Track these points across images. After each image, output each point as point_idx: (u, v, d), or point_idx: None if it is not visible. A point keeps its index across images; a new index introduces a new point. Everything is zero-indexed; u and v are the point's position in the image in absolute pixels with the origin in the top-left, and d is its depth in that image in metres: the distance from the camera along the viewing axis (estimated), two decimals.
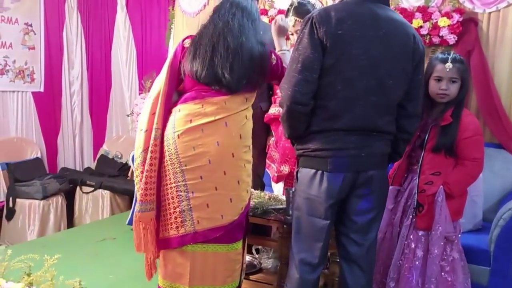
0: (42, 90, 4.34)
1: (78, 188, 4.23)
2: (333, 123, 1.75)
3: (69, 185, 4.20)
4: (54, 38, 4.40)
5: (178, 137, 1.87)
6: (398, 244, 2.14)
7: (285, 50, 2.16)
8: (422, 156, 2.11)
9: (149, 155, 1.88)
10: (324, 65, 1.71)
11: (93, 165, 4.71)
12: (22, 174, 3.99)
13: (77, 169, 4.73)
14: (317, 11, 1.77)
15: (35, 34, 4.21)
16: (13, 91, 4.12)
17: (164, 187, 1.92)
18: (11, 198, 3.86)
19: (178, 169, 1.87)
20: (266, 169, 2.71)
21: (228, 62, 1.84)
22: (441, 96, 2.09)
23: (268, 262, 2.55)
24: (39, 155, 4.26)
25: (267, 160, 2.67)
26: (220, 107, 1.88)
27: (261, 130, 2.67)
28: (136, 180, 1.97)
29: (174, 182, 1.88)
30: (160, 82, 1.95)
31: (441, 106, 2.11)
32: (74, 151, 4.75)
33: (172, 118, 1.91)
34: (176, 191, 1.88)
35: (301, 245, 1.85)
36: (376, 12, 1.74)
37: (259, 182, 2.79)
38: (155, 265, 2.01)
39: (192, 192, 1.87)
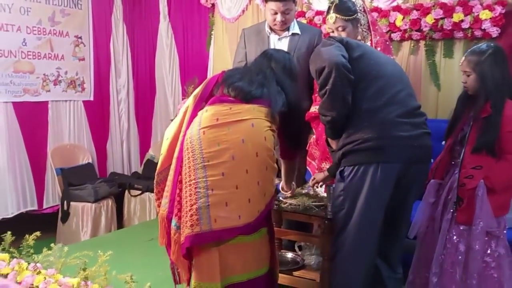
0: (92, 98, 4.56)
1: (126, 191, 4.41)
2: (390, 107, 1.93)
3: (118, 188, 4.38)
4: (102, 49, 4.62)
5: (203, 133, 1.88)
6: (439, 239, 2.12)
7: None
8: (464, 150, 2.09)
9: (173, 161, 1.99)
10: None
11: (140, 170, 4.90)
12: (75, 178, 4.21)
13: (125, 173, 4.92)
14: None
15: (84, 46, 4.43)
16: (66, 101, 4.34)
17: (185, 183, 1.90)
18: (65, 202, 4.07)
19: (200, 165, 1.85)
20: (307, 167, 2.75)
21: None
22: (466, 89, 2.14)
23: (310, 258, 2.58)
24: (90, 161, 4.47)
25: (307, 158, 2.71)
26: (247, 111, 1.91)
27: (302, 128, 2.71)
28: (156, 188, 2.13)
29: (195, 179, 1.85)
30: (191, 98, 2.08)
31: (479, 99, 2.09)
32: (122, 156, 4.95)
33: (197, 119, 1.95)
34: (195, 187, 1.84)
35: (359, 240, 1.91)
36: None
37: (301, 180, 2.83)
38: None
39: (212, 189, 1.83)
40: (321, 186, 2.26)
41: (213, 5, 4.33)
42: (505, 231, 2.10)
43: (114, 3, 4.69)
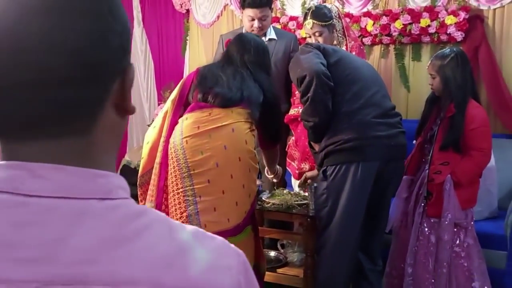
0: None
1: None
2: (368, 108, 2.07)
3: None
4: None
5: (186, 142, 1.92)
6: (412, 232, 2.25)
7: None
8: (432, 147, 2.23)
9: (156, 160, 2.03)
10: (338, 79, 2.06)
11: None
12: None
13: None
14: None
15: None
16: None
17: (170, 194, 1.97)
18: None
19: (186, 173, 1.91)
20: (287, 167, 2.84)
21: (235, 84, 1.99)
22: (433, 90, 2.33)
23: (293, 256, 2.67)
24: None
25: (287, 159, 2.80)
26: (226, 115, 1.95)
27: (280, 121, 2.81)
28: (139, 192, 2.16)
29: (182, 188, 1.92)
30: (169, 102, 2.10)
31: (444, 99, 2.25)
32: None
33: (178, 127, 1.99)
34: (184, 196, 1.91)
35: (343, 236, 2.01)
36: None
37: (281, 181, 2.92)
38: None
39: (200, 196, 1.89)
40: (308, 185, 2.35)
41: (187, 10, 4.37)
42: (472, 223, 2.25)
43: None
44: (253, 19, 2.79)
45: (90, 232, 0.44)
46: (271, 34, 2.92)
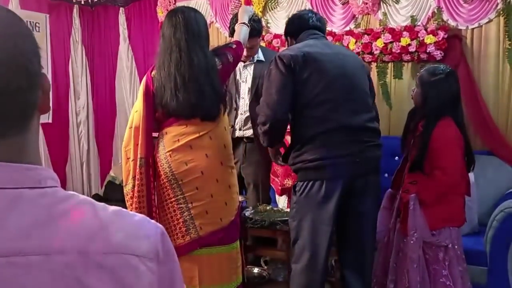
0: (50, 121, 4.50)
1: None
2: (325, 123, 2.02)
3: None
4: (60, 71, 4.59)
5: (170, 156, 2.07)
6: (393, 247, 2.27)
7: (244, 24, 2.41)
8: (406, 166, 2.27)
9: (136, 182, 2.07)
10: (301, 81, 2.01)
11: (101, 192, 4.85)
12: None
13: (86, 195, 4.85)
14: (283, 51, 2.16)
15: (42, 68, 4.38)
16: None
17: (164, 202, 2.10)
18: None
19: (175, 184, 2.06)
20: (271, 184, 2.86)
21: (198, 99, 2.04)
22: (413, 100, 2.34)
23: (277, 272, 2.67)
24: None
25: (271, 175, 2.83)
26: (201, 124, 2.08)
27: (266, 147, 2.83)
28: (127, 203, 2.14)
29: (174, 197, 2.07)
30: (138, 114, 2.12)
31: (417, 116, 2.29)
32: (82, 179, 4.89)
33: (161, 141, 2.11)
34: (177, 204, 2.07)
35: (305, 252, 2.02)
36: (324, 42, 2.18)
37: (266, 197, 2.94)
38: None
39: (191, 203, 2.06)
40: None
41: None
42: (456, 241, 2.21)
43: (72, 26, 4.69)
44: None
45: (24, 214, 0.54)
46: (259, 56, 2.94)
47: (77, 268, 0.54)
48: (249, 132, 2.83)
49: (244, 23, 2.40)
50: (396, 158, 3.15)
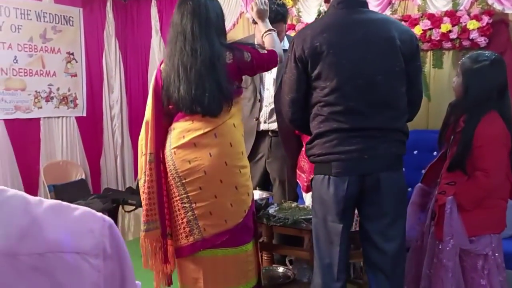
0: (84, 114, 4.56)
1: (120, 207, 4.38)
2: (332, 123, 1.83)
3: (112, 204, 4.34)
4: (94, 65, 4.63)
5: (174, 153, 1.99)
6: (427, 252, 2.09)
7: (271, 31, 2.21)
8: (445, 164, 2.08)
9: (146, 178, 2.01)
10: (312, 78, 1.85)
11: (134, 185, 4.86)
12: (67, 195, 4.17)
13: (120, 189, 4.89)
14: (296, 34, 1.96)
15: (76, 62, 4.44)
16: (58, 117, 4.34)
17: (171, 200, 2.04)
18: None
19: (179, 183, 1.99)
20: (297, 180, 2.73)
21: (198, 91, 1.92)
22: (454, 91, 2.13)
23: (302, 272, 2.56)
24: (83, 177, 4.45)
25: (297, 171, 2.70)
26: (207, 121, 1.97)
27: (293, 142, 2.70)
28: (141, 198, 2.09)
29: (178, 195, 2.01)
30: (148, 107, 2.07)
31: (457, 109, 2.08)
32: (116, 172, 4.93)
33: (169, 137, 2.03)
34: (181, 203, 2.00)
35: (321, 251, 1.88)
36: (352, 19, 1.85)
37: (293, 193, 2.82)
38: (170, 278, 2.11)
39: (195, 203, 1.98)
40: None
41: None
42: (497, 249, 2.01)
43: (106, 19, 4.71)
44: None
45: None
46: (284, 44, 2.82)
47: (6, 273, 0.48)
48: (274, 125, 2.71)
49: (270, 30, 2.19)
50: (435, 153, 2.94)
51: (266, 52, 2.05)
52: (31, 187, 4.12)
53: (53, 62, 4.23)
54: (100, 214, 0.58)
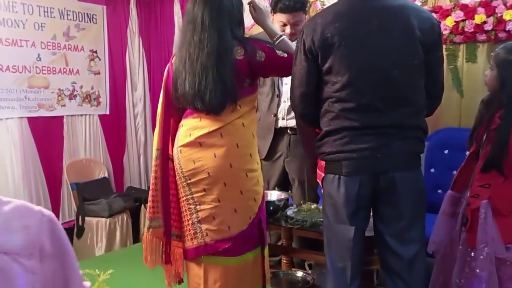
0: (107, 112, 4.55)
1: (142, 206, 4.35)
2: (343, 121, 1.68)
3: (134, 203, 4.31)
4: (117, 62, 4.61)
5: (180, 152, 1.89)
6: (457, 261, 1.92)
7: (283, 35, 2.05)
8: (477, 164, 1.90)
9: (152, 174, 1.96)
10: (322, 71, 1.70)
11: None
12: (90, 193, 4.17)
13: (143, 187, 4.86)
14: (306, 23, 1.81)
15: (100, 60, 4.44)
16: (81, 115, 4.34)
17: (180, 199, 1.95)
18: (80, 217, 4.04)
19: (184, 183, 1.90)
20: (317, 180, 2.60)
21: (200, 85, 1.80)
22: (486, 86, 1.95)
23: (321, 278, 2.43)
24: (106, 175, 4.44)
25: (317, 170, 2.57)
26: (214, 119, 1.85)
27: (312, 139, 2.57)
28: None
29: (185, 196, 1.92)
30: (160, 103, 2.01)
31: (492, 104, 1.89)
32: (140, 170, 4.90)
33: (177, 134, 1.94)
34: (187, 204, 1.92)
35: (333, 255, 1.76)
36: (366, 6, 1.68)
37: (313, 194, 2.69)
38: (181, 276, 2.04)
39: (199, 205, 1.88)
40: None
41: None
42: None
43: (129, 17, 4.68)
44: (285, 25, 2.56)
45: None
46: None
47: None
48: (293, 122, 2.58)
49: (281, 36, 2.01)
50: (467, 153, 2.75)
51: (285, 56, 1.89)
52: (54, 185, 4.14)
53: (76, 60, 4.23)
54: (38, 208, 0.52)
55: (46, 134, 4.06)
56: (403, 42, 1.66)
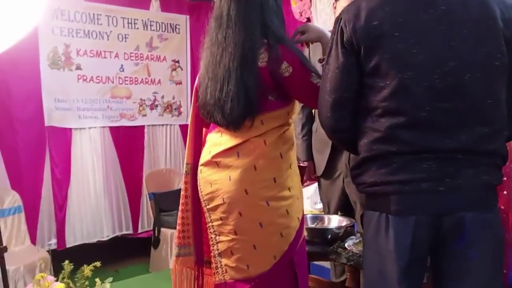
0: (188, 122, 4.49)
1: None
2: (391, 144, 1.23)
3: None
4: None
5: (201, 172, 1.65)
6: None
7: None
8: None
9: (182, 193, 1.71)
10: (365, 72, 1.27)
11: None
12: (166, 204, 4.12)
13: None
14: (346, 7, 1.33)
15: (182, 69, 4.41)
16: (162, 125, 4.34)
17: (206, 226, 1.67)
18: (156, 228, 4.01)
19: (205, 208, 1.63)
20: None
21: (221, 93, 1.51)
22: None
23: None
24: None
25: None
26: (232, 135, 1.56)
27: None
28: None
29: (207, 223, 1.64)
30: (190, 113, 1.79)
31: None
32: None
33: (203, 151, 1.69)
34: (209, 232, 1.64)
35: None
36: None
37: None
38: None
39: (218, 235, 1.62)
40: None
41: (308, 19, 3.97)
42: None
43: None
44: None
45: None
46: None
47: None
48: None
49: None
50: None
51: (317, 82, 1.47)
52: (134, 195, 4.18)
53: (158, 70, 4.24)
54: None
55: (127, 143, 4.12)
56: (480, 35, 1.20)
